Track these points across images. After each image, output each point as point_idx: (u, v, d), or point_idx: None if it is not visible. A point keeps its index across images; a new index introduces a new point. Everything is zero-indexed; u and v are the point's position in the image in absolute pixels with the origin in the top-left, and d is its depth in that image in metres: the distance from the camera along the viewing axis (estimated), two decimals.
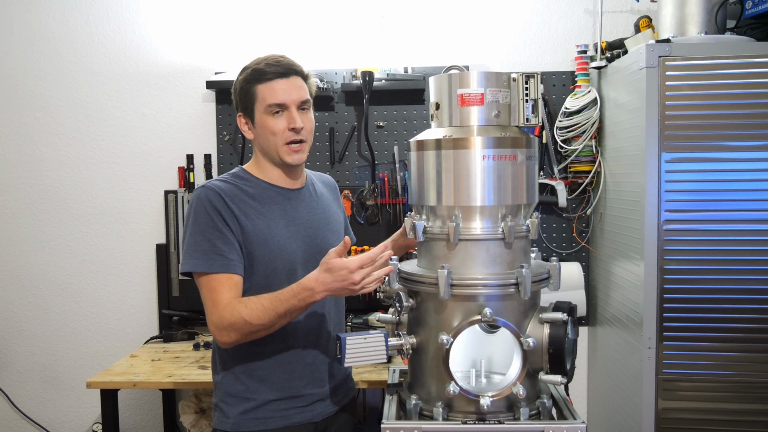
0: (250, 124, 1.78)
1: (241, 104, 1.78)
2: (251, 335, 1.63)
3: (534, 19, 2.93)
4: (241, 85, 1.76)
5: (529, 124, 1.58)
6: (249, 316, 1.60)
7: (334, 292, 1.57)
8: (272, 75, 1.72)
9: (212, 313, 1.65)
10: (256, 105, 1.73)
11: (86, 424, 3.14)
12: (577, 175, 2.79)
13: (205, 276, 1.66)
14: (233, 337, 1.63)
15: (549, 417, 1.54)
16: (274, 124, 1.72)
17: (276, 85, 1.72)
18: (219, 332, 1.64)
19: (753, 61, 2.12)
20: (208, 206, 1.68)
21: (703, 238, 2.16)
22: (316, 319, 1.78)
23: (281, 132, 1.72)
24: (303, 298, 1.58)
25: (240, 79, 1.77)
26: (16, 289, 3.10)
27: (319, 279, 1.56)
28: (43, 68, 3.03)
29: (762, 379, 2.16)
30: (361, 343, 1.51)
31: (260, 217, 1.73)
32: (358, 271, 1.53)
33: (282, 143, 1.73)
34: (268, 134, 1.73)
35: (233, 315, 1.61)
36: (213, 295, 1.65)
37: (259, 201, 1.75)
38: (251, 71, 1.74)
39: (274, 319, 1.60)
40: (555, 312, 1.47)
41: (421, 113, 2.92)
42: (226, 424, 1.75)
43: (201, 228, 1.68)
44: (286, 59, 1.76)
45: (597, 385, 2.84)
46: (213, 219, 1.68)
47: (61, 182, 3.06)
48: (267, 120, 1.73)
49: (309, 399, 1.78)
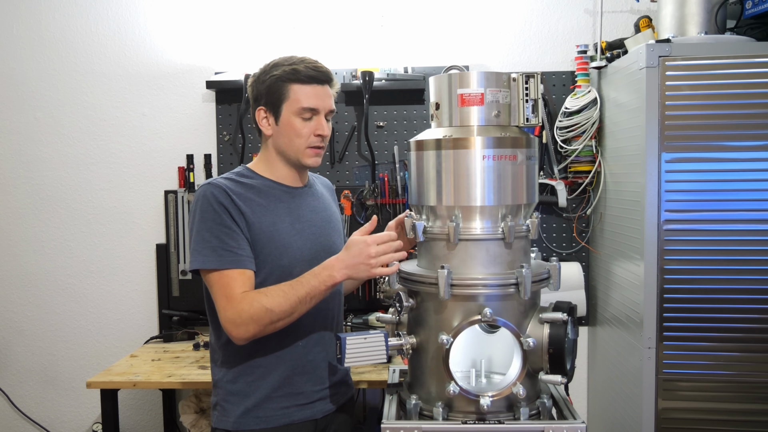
0: (271, 120, 1.76)
1: (266, 98, 1.75)
2: (270, 326, 1.61)
3: (534, 19, 2.93)
4: (272, 80, 1.73)
5: (529, 124, 1.58)
6: (270, 304, 1.59)
7: (352, 269, 1.59)
8: (308, 79, 1.71)
9: (227, 309, 1.62)
10: (286, 103, 1.72)
11: (86, 424, 3.14)
12: (577, 175, 2.79)
13: (216, 272, 1.64)
14: (252, 331, 1.61)
15: (549, 417, 1.54)
16: (302, 127, 1.72)
17: (313, 90, 1.72)
18: (236, 328, 1.61)
19: (753, 61, 2.12)
20: (215, 202, 1.67)
21: (703, 238, 2.15)
22: (317, 318, 1.78)
23: (307, 136, 1.73)
24: (323, 280, 1.60)
25: (272, 74, 1.73)
26: (16, 289, 3.10)
27: (339, 257, 1.61)
28: (43, 68, 3.03)
29: (762, 379, 2.16)
30: (361, 343, 1.51)
31: (266, 214, 1.72)
32: (374, 246, 1.58)
33: (305, 146, 1.74)
34: (293, 135, 1.73)
35: (253, 306, 1.59)
36: (226, 291, 1.63)
37: (264, 198, 1.75)
38: (289, 69, 1.72)
39: (295, 305, 1.60)
40: (555, 312, 1.47)
41: (421, 113, 2.92)
42: (227, 423, 1.74)
43: (208, 225, 1.66)
44: (323, 66, 1.76)
45: (597, 385, 2.84)
46: (220, 215, 1.67)
47: (61, 182, 3.06)
48: (295, 121, 1.72)
49: (310, 397, 1.77)
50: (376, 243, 1.59)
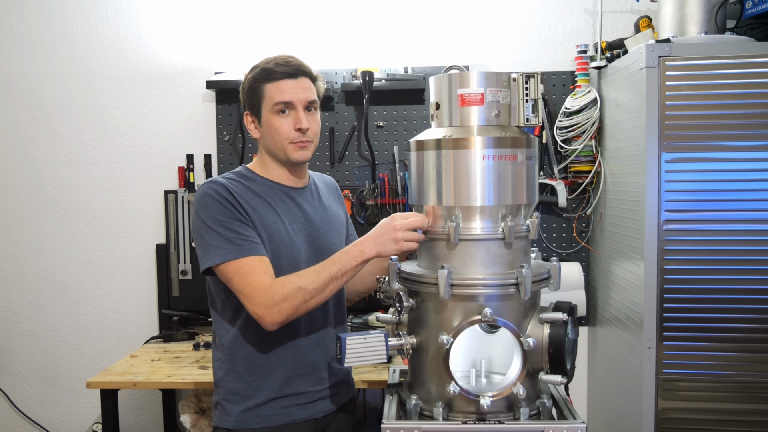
0: (257, 123, 1.78)
1: (249, 103, 1.78)
2: (303, 306, 1.61)
3: (534, 19, 2.93)
4: (249, 84, 1.76)
5: (529, 124, 1.58)
6: (302, 282, 1.60)
7: (380, 245, 1.61)
8: (280, 75, 1.72)
9: (256, 295, 1.61)
10: (263, 104, 1.74)
11: (86, 424, 3.14)
12: (577, 175, 2.79)
13: (234, 263, 1.63)
14: (285, 312, 1.60)
15: (549, 417, 1.54)
16: (280, 124, 1.72)
17: (284, 84, 1.72)
18: (269, 312, 1.60)
19: (753, 61, 2.11)
20: (220, 198, 1.67)
21: (703, 238, 2.15)
22: (318, 318, 1.79)
23: (287, 132, 1.72)
24: (354, 256, 1.62)
25: (248, 78, 1.77)
26: (16, 289, 3.10)
27: (369, 234, 1.64)
28: (43, 68, 3.03)
29: (762, 379, 2.16)
30: (361, 343, 1.51)
31: (266, 213, 1.73)
32: (400, 219, 1.60)
33: (288, 142, 1.73)
34: (274, 133, 1.73)
35: (285, 287, 1.60)
36: (251, 279, 1.62)
37: (264, 198, 1.75)
38: (260, 70, 1.74)
39: (327, 281, 1.61)
40: (555, 312, 1.47)
41: (421, 113, 2.92)
42: (228, 422, 1.75)
43: (218, 219, 1.66)
44: (295, 60, 1.76)
45: (597, 385, 2.84)
46: (228, 208, 1.67)
47: (61, 182, 3.06)
48: (273, 119, 1.73)
49: (310, 396, 1.78)
50: (402, 218, 1.61)
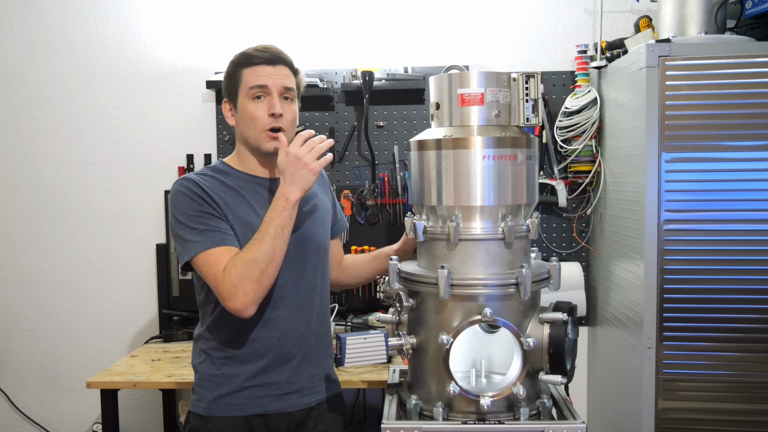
0: (234, 110, 1.78)
1: (227, 89, 1.78)
2: (264, 278, 1.60)
3: (534, 19, 2.93)
4: (228, 70, 1.77)
5: (529, 124, 1.58)
6: (250, 255, 1.59)
7: (298, 180, 1.63)
8: (258, 60, 1.73)
9: (218, 285, 1.60)
10: (240, 89, 1.74)
11: (86, 424, 3.14)
12: (577, 175, 2.79)
13: (203, 255, 1.64)
14: (250, 291, 1.58)
15: (549, 417, 1.54)
16: (254, 109, 1.71)
17: (261, 69, 1.72)
18: (233, 296, 1.58)
19: (753, 61, 2.11)
20: (190, 193, 1.68)
21: (703, 238, 2.15)
22: (298, 310, 1.77)
23: (260, 118, 1.71)
24: (283, 206, 1.62)
25: (228, 64, 1.78)
26: (16, 289, 3.10)
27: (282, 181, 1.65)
28: (43, 68, 3.03)
29: (762, 379, 2.16)
30: (361, 343, 1.51)
31: (240, 206, 1.72)
32: (297, 146, 1.63)
33: (261, 129, 1.71)
34: (248, 119, 1.72)
35: (237, 266, 1.59)
36: (216, 269, 1.61)
37: (238, 191, 1.74)
38: (239, 55, 1.76)
39: (272, 243, 1.60)
40: (555, 312, 1.47)
41: (421, 113, 2.92)
42: (199, 408, 1.75)
43: (189, 215, 1.67)
44: (274, 48, 1.77)
45: (597, 385, 2.84)
46: (198, 203, 1.67)
47: (61, 182, 3.06)
48: (247, 104, 1.72)
49: (284, 388, 1.76)
50: (298, 144, 1.64)
